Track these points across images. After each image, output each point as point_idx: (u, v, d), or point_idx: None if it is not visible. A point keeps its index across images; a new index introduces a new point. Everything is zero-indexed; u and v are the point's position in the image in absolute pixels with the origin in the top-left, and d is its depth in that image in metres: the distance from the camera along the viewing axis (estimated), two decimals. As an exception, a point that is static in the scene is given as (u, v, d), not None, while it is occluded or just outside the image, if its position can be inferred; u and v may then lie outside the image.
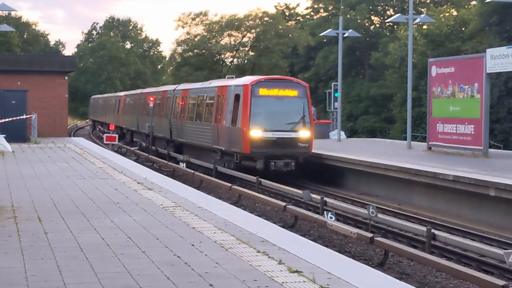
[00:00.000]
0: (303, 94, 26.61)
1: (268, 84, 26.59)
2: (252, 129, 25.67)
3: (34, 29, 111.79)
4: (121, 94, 58.06)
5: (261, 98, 26.11)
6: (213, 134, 28.77)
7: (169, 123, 36.39)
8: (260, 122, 25.89)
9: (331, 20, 74.00)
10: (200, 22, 79.44)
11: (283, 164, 25.63)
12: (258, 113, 25.98)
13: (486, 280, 10.36)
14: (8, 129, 32.55)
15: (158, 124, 39.02)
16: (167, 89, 39.21)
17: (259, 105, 26.04)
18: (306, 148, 26.17)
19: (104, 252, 9.98)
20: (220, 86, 28.99)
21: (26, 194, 15.92)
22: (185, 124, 33.29)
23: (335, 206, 18.08)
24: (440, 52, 48.82)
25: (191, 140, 32.37)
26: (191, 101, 33.02)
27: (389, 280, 8.87)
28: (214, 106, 28.94)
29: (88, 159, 25.26)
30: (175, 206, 14.37)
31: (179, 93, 35.34)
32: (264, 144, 25.66)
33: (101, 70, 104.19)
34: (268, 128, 25.94)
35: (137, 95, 48.78)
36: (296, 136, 26.08)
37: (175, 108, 35.54)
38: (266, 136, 25.76)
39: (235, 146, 26.46)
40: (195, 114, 32.02)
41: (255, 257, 9.70)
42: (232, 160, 26.91)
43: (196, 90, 32.86)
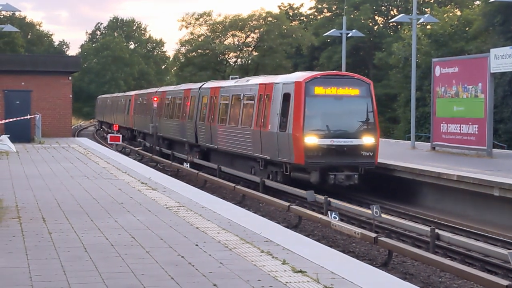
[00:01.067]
0: (366, 93, 22.61)
1: (325, 81, 22.46)
2: (306, 135, 21.65)
3: (38, 30, 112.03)
4: (132, 93, 53.82)
5: (317, 98, 22.13)
6: (253, 141, 24.54)
7: (194, 126, 31.92)
8: (316, 126, 22.00)
9: (334, 20, 74.02)
10: (204, 22, 79.56)
11: (344, 177, 21.77)
12: (313, 115, 22.09)
13: (490, 280, 10.35)
14: (13, 129, 32.69)
15: (179, 127, 34.70)
16: (191, 87, 34.44)
17: (314, 106, 22.11)
18: (370, 158, 22.12)
19: (108, 252, 9.99)
20: (263, 83, 24.76)
21: (30, 194, 15.94)
22: (216, 128, 28.75)
23: (339, 206, 18.07)
24: (444, 52, 48.78)
25: (223, 147, 27.95)
26: (222, 101, 28.59)
27: (393, 280, 8.87)
28: (255, 107, 24.72)
29: (92, 159, 25.28)
30: (179, 206, 14.37)
31: (207, 92, 30.87)
32: (321, 153, 21.70)
33: (105, 71, 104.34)
34: (326, 134, 21.96)
35: (151, 94, 43.41)
36: (359, 143, 22.07)
37: (202, 109, 31.20)
38: (323, 144, 21.73)
39: (284, 155, 22.33)
40: (229, 117, 27.62)
41: (259, 257, 9.70)
42: (279, 172, 23.02)
43: (230, 88, 28.38)
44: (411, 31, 37.32)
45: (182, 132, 34.10)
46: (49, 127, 36.42)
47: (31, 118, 35.19)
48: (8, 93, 35.61)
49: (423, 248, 14.42)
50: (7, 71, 35.70)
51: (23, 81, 36.00)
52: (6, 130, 32.55)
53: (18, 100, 35.66)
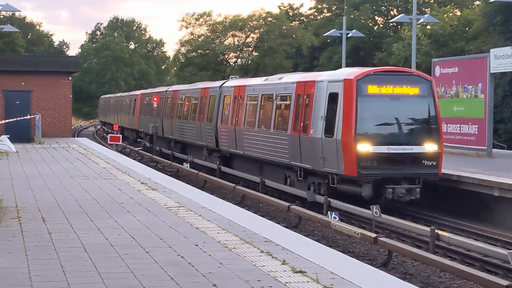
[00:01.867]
0: (427, 92, 19.66)
1: (379, 78, 19.47)
2: (359, 142, 18.63)
3: (38, 30, 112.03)
4: (137, 93, 50.99)
5: (370, 98, 19.19)
6: (291, 147, 21.61)
7: (214, 129, 28.77)
8: (370, 131, 19.06)
9: (335, 20, 74.01)
10: (204, 22, 79.55)
11: (405, 191, 18.78)
12: (367, 119, 19.16)
13: (490, 280, 10.35)
14: (12, 130, 32.69)
15: (195, 129, 31.54)
16: (210, 85, 31.40)
17: (368, 108, 19.16)
18: (433, 168, 19.09)
19: (108, 252, 9.99)
20: (302, 81, 21.68)
21: (30, 194, 15.94)
22: (241, 132, 25.76)
23: (339, 207, 18.07)
24: (444, 52, 48.78)
25: (251, 153, 24.96)
26: (249, 102, 25.62)
27: (392, 280, 8.87)
28: (292, 109, 21.72)
29: (92, 159, 25.28)
30: (178, 206, 14.37)
31: (229, 91, 27.79)
32: (376, 163, 18.70)
33: (105, 71, 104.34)
34: (382, 141, 18.96)
35: (161, 94, 40.55)
36: (420, 151, 19.10)
37: (224, 110, 28.17)
38: (378, 152, 18.73)
39: (330, 165, 19.38)
40: (258, 119, 24.57)
41: (258, 257, 9.70)
42: (323, 184, 20.14)
43: (258, 87, 25.34)
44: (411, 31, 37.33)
45: (199, 136, 31.07)
46: (49, 127, 36.42)
47: (31, 118, 35.19)
48: (8, 93, 35.61)
49: (423, 248, 14.42)
50: (7, 71, 35.69)
51: (23, 81, 36.00)
52: (6, 130, 32.55)
53: (18, 100, 35.66)
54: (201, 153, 30.93)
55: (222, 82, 30.02)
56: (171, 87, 39.98)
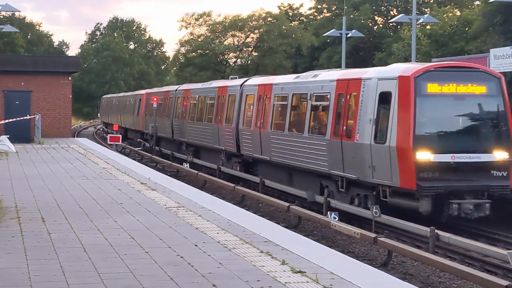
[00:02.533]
0: (496, 90, 17.05)
1: (441, 75, 16.84)
2: (418, 150, 16.07)
3: (38, 30, 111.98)
4: (142, 92, 48.64)
5: (431, 98, 16.62)
6: (330, 154, 18.96)
7: (235, 132, 26.11)
8: (430, 137, 16.61)
9: (334, 21, 74.03)
10: (203, 22, 79.57)
11: (473, 207, 16.15)
12: (427, 122, 16.70)
13: (489, 280, 10.35)
14: (12, 130, 32.69)
15: (211, 132, 28.98)
16: (228, 84, 28.69)
17: (428, 109, 16.63)
18: (504, 179, 16.53)
19: (107, 252, 9.99)
20: (344, 79, 18.99)
21: (30, 194, 15.93)
22: (268, 135, 23.14)
23: (339, 207, 18.06)
24: (444, 52, 48.79)
25: (279, 159, 22.28)
26: (277, 102, 23.07)
27: (392, 280, 8.87)
28: (331, 111, 19.07)
29: (91, 159, 25.27)
30: (178, 206, 14.37)
31: (252, 90, 25.17)
32: (438, 174, 16.15)
33: (105, 71, 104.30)
34: (445, 148, 16.43)
35: (170, 93, 38.04)
36: (489, 159, 16.52)
37: (246, 111, 25.52)
38: (441, 161, 16.18)
39: (381, 176, 16.80)
40: (288, 121, 22.00)
41: (258, 257, 9.70)
42: (371, 196, 17.61)
43: (288, 85, 22.57)
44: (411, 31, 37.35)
45: (215, 139, 28.40)
46: (48, 128, 36.42)
47: (30, 118, 35.18)
48: (8, 93, 35.61)
49: (422, 248, 14.42)
50: (7, 71, 35.69)
51: (23, 81, 36.00)
52: (5, 131, 32.54)
53: (18, 100, 35.66)
54: (217, 158, 28.42)
55: (243, 80, 27.13)
56: (182, 86, 37.29)
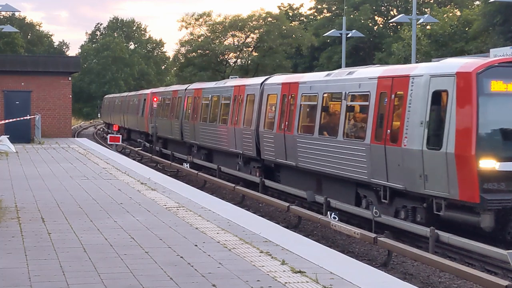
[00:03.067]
0: None
1: (506, 72, 14.80)
2: (482, 157, 14.13)
3: (38, 30, 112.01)
4: (147, 91, 46.12)
5: (495, 97, 14.63)
6: (371, 160, 16.83)
7: (254, 135, 24.05)
8: (495, 143, 14.66)
9: (334, 21, 74.09)
10: (203, 22, 79.63)
11: None
12: (491, 125, 14.68)
13: (489, 280, 10.35)
14: (12, 130, 32.68)
15: (227, 134, 26.71)
16: (246, 83, 26.18)
17: (493, 110, 14.63)
18: None
19: (107, 252, 9.99)
20: (387, 76, 16.81)
21: (30, 194, 15.93)
22: (294, 139, 20.94)
23: (339, 207, 18.05)
24: (444, 52, 48.82)
25: (308, 165, 20.08)
26: (304, 102, 20.92)
27: (392, 280, 8.87)
28: (372, 112, 16.93)
29: (91, 159, 25.27)
30: (178, 206, 14.37)
31: (275, 89, 23.03)
32: (504, 185, 14.26)
33: (105, 71, 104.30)
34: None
35: (179, 92, 35.24)
36: None
37: (267, 112, 23.42)
38: (508, 170, 14.24)
39: (435, 186, 14.88)
40: (319, 123, 19.75)
41: (258, 257, 9.70)
42: (420, 209, 15.75)
43: (318, 84, 20.22)
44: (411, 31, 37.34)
45: (231, 142, 26.22)
46: (49, 128, 36.44)
47: (31, 118, 35.18)
48: (8, 93, 35.61)
49: (422, 248, 14.41)
50: (7, 71, 35.71)
51: (23, 82, 36.01)
52: (5, 131, 32.54)
53: (18, 100, 35.67)
54: (233, 162, 26.36)
55: (264, 78, 24.84)
56: (192, 85, 34.83)
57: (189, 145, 32.68)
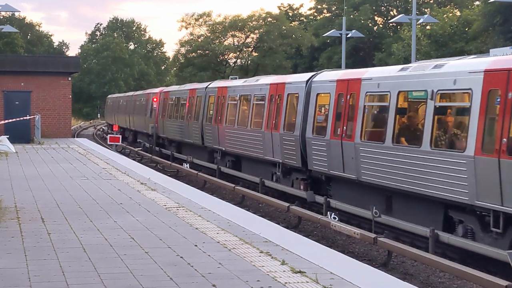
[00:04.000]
0: None
1: None
2: None
3: (38, 30, 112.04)
4: (156, 90, 42.97)
5: None
6: (475, 178, 13.31)
7: (298, 141, 20.46)
8: None
9: (334, 21, 74.10)
10: (203, 22, 79.67)
11: None
12: None
13: (489, 280, 10.35)
14: (12, 130, 32.67)
15: (261, 139, 23.17)
16: (286, 81, 22.52)
17: None
18: None
19: (107, 252, 9.98)
20: (494, 71, 13.33)
21: (29, 194, 15.92)
22: (357, 148, 17.39)
23: (339, 207, 18.05)
24: (444, 53, 48.83)
25: (375, 179, 16.63)
26: (370, 103, 17.54)
27: (392, 281, 8.86)
28: (475, 115, 13.52)
29: (91, 159, 25.27)
30: (178, 206, 14.37)
31: (325, 88, 19.67)
32: None
33: (105, 71, 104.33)
34: None
35: (198, 91, 31.84)
36: None
37: (315, 115, 20.08)
38: None
39: None
40: (392, 130, 16.08)
41: (258, 258, 9.69)
42: None
43: (388, 81, 16.62)
44: (411, 31, 37.35)
45: (267, 148, 22.79)
46: (48, 128, 36.44)
47: (30, 118, 35.18)
48: (8, 93, 35.61)
49: (422, 249, 14.40)
50: (7, 72, 35.71)
51: (22, 82, 36.01)
52: (5, 131, 32.54)
53: (18, 100, 35.66)
54: (267, 171, 23.31)
55: (310, 75, 21.23)
56: (215, 83, 30.95)
57: (210, 150, 29.43)
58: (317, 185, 20.26)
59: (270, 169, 23.01)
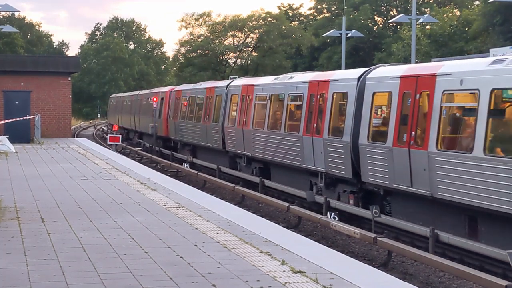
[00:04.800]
0: None
1: None
2: None
3: (38, 30, 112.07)
4: (166, 89, 39.88)
5: None
6: None
7: (349, 149, 17.44)
8: None
9: (334, 21, 74.14)
10: (203, 22, 79.70)
11: None
12: None
13: (489, 280, 10.35)
14: (12, 130, 32.67)
15: (299, 145, 20.12)
16: (331, 78, 19.13)
17: None
18: None
19: (107, 252, 9.98)
20: None
21: (29, 194, 15.92)
22: (430, 157, 14.41)
23: (339, 207, 18.04)
24: (444, 52, 48.86)
25: (459, 196, 13.69)
26: (448, 103, 14.60)
27: (392, 280, 8.86)
28: None
29: (91, 159, 25.26)
30: (178, 206, 14.36)
31: (384, 86, 16.68)
32: None
33: (105, 71, 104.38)
34: None
35: (217, 90, 28.89)
36: None
37: (371, 119, 16.94)
38: None
39: None
40: (484, 137, 13.06)
41: (258, 257, 9.69)
42: None
43: (475, 77, 13.62)
44: (411, 31, 37.34)
45: (307, 155, 19.71)
46: (48, 128, 36.43)
47: (30, 118, 35.17)
48: (8, 93, 35.60)
49: (422, 248, 14.40)
50: (6, 72, 35.70)
51: (22, 82, 36.00)
52: (5, 131, 32.53)
53: (18, 100, 35.65)
54: (303, 180, 20.48)
55: (361, 71, 17.92)
56: (238, 81, 27.72)
57: (233, 155, 26.53)
58: (370, 199, 17.41)
59: (308, 178, 20.11)
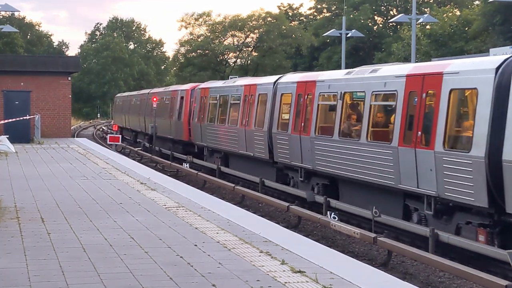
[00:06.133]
0: None
1: None
2: None
3: (38, 30, 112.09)
4: (185, 87, 34.89)
5: None
6: None
7: (486, 168, 12.66)
8: None
9: (334, 21, 74.13)
10: (203, 22, 79.76)
11: None
12: None
13: (489, 280, 10.34)
14: (12, 130, 32.66)
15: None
16: (426, 71, 14.90)
17: None
18: None
19: (106, 252, 9.98)
20: None
21: (29, 194, 15.92)
22: None
23: (339, 207, 18.03)
24: (444, 52, 48.85)
25: None
26: None
27: (392, 280, 8.86)
28: None
29: (91, 159, 25.26)
30: (178, 206, 14.36)
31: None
32: None
33: (105, 71, 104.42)
34: None
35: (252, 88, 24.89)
36: None
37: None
38: None
39: None
40: None
41: (258, 257, 9.69)
42: None
43: None
44: (411, 31, 37.34)
45: (405, 172, 15.13)
46: (48, 128, 36.43)
47: (30, 118, 35.17)
48: (8, 93, 35.59)
49: (422, 248, 14.40)
50: (6, 71, 35.69)
51: (22, 82, 36.00)
52: (5, 131, 32.53)
53: (18, 100, 35.65)
54: (394, 203, 16.21)
55: (498, 60, 13.13)
56: (290, 77, 22.76)
57: (283, 167, 22.27)
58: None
59: (401, 201, 15.89)
